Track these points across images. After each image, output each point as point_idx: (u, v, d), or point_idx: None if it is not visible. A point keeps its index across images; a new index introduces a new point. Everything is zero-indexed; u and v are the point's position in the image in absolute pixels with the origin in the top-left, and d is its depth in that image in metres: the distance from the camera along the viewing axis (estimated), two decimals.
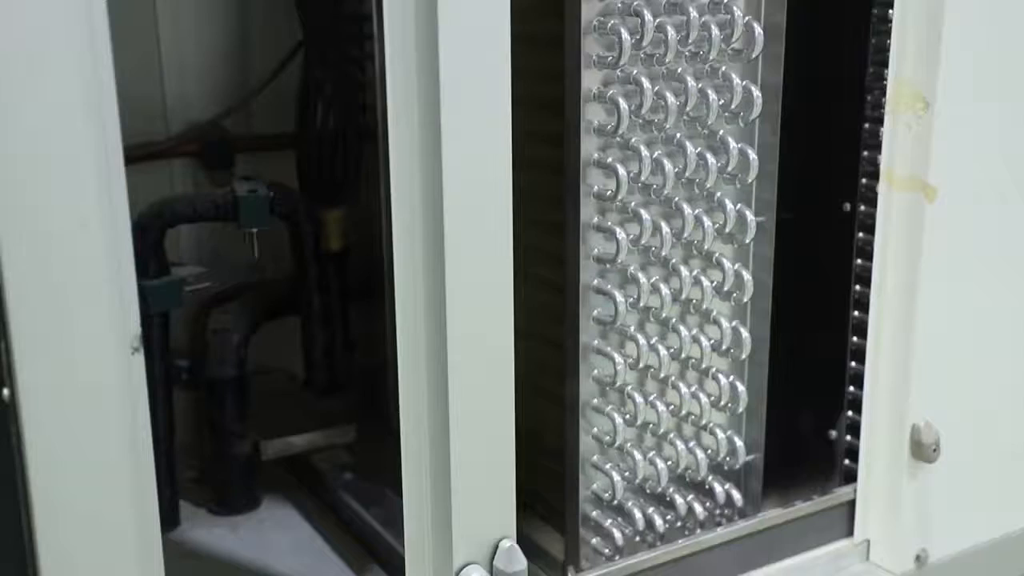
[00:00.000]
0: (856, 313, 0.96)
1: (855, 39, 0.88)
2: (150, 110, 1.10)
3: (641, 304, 0.85)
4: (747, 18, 0.83)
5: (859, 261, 0.95)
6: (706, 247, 0.87)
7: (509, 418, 0.76)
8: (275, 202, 0.99)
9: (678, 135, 0.84)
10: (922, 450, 0.95)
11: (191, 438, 1.08)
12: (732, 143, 0.85)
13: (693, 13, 0.80)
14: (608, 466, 0.87)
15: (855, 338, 0.96)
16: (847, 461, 0.98)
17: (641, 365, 0.86)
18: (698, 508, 0.91)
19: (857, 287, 0.96)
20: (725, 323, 0.89)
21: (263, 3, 1.14)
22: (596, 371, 0.86)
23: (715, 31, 0.81)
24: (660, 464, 0.89)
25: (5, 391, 0.58)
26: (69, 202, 0.60)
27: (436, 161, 0.72)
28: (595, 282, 0.85)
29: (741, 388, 0.91)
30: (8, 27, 0.57)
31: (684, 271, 0.86)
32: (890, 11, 0.88)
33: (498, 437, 0.76)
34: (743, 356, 0.90)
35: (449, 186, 0.72)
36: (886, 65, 0.89)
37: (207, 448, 1.08)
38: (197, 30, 1.13)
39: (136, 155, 1.04)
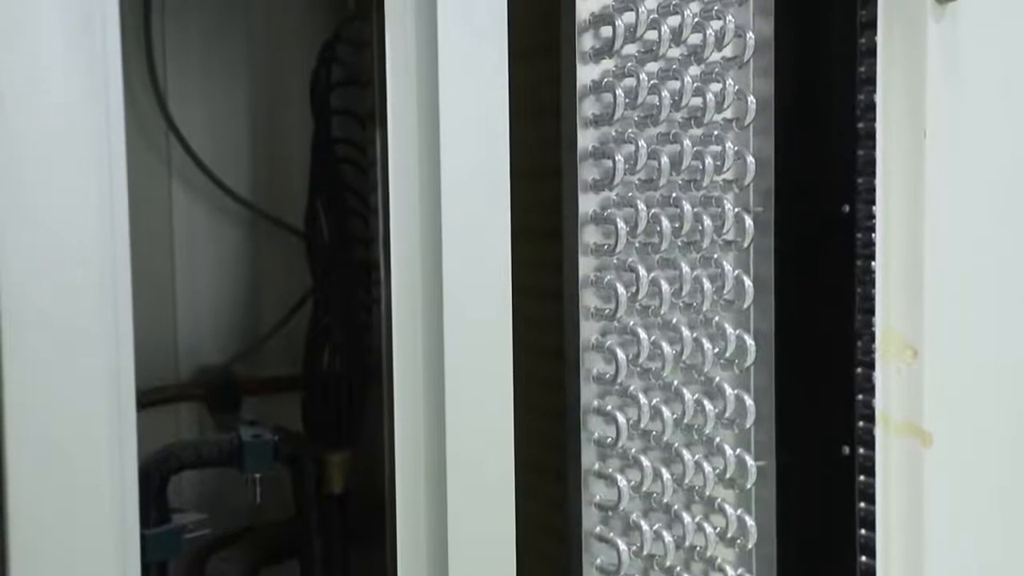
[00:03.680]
0: (864, 558, 0.95)
1: (839, 290, 0.92)
2: (163, 357, 1.13)
3: (644, 552, 0.84)
4: (736, 272, 0.87)
5: (862, 504, 0.95)
6: (707, 493, 0.87)
7: None
8: (280, 447, 0.99)
9: (675, 382, 0.86)
10: None
11: None
12: (728, 389, 0.87)
13: (685, 268, 0.84)
14: None
15: None
16: None
17: None
18: None
19: (862, 531, 0.95)
20: (731, 571, 0.88)
21: (275, 252, 1.20)
22: None
23: (707, 284, 0.85)
24: None
25: None
26: (80, 455, 0.61)
27: (439, 406, 0.73)
28: (597, 529, 0.84)
29: None
30: (29, 279, 0.60)
31: (687, 518, 0.86)
32: (872, 263, 0.92)
33: None
34: None
35: (452, 430, 0.73)
36: (873, 312, 0.92)
37: None
38: (211, 278, 1.18)
39: (146, 401, 1.06)
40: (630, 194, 0.83)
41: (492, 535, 0.74)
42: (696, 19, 0.83)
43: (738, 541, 0.88)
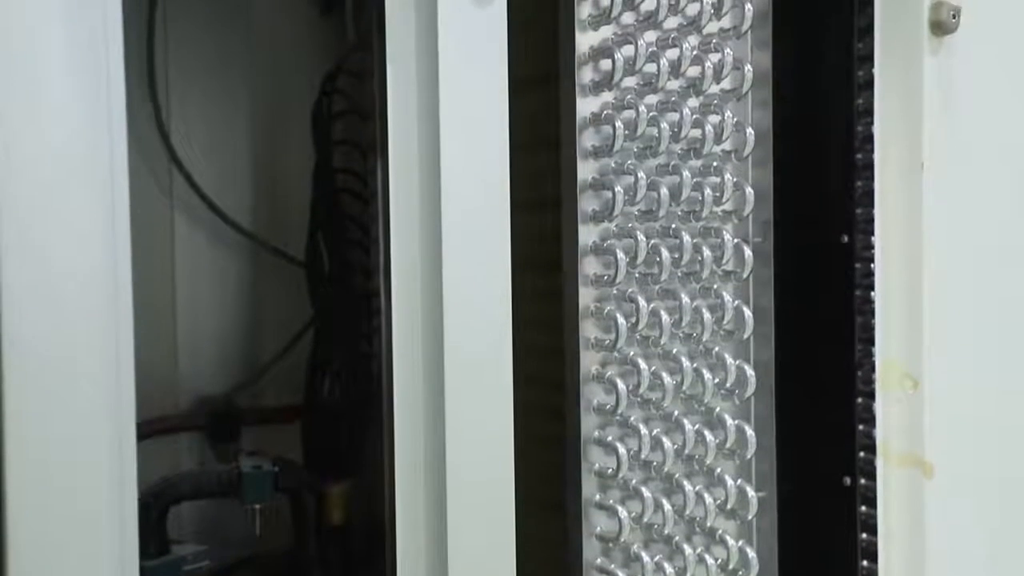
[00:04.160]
0: None
1: (839, 320, 0.92)
2: (163, 387, 1.13)
3: None
4: (736, 302, 0.87)
5: (864, 535, 0.94)
6: (708, 524, 0.87)
7: None
8: (280, 478, 0.99)
9: (676, 413, 0.86)
10: None
11: None
12: (729, 419, 0.87)
13: (685, 299, 0.85)
14: None
15: None
16: None
17: None
18: None
19: (864, 563, 0.94)
20: None
21: (275, 282, 1.20)
22: None
23: (706, 314, 0.86)
24: None
25: None
26: (79, 485, 0.61)
27: (440, 436, 0.73)
28: (598, 561, 0.84)
29: None
30: (31, 309, 0.60)
31: (688, 549, 0.86)
32: (872, 293, 0.92)
33: None
34: None
35: (452, 461, 0.73)
36: (873, 343, 0.93)
37: None
38: (212, 308, 1.18)
39: (146, 431, 1.05)
40: (630, 225, 0.84)
41: (493, 566, 0.74)
42: (695, 52, 0.83)
43: (739, 572, 0.88)
